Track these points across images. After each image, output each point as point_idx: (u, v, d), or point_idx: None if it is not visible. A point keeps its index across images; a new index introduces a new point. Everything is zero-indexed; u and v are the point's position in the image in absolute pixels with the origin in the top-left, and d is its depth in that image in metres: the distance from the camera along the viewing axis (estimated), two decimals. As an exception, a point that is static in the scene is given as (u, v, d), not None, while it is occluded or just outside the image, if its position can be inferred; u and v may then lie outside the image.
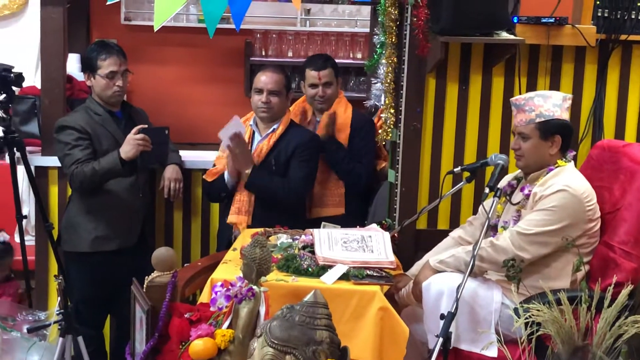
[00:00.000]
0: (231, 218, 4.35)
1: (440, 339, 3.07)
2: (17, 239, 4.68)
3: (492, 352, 3.22)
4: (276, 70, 4.43)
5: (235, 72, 6.71)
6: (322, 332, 2.45)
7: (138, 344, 3.16)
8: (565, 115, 3.57)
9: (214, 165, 4.53)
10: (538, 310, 2.54)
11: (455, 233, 3.91)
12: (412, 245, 4.18)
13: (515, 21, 4.05)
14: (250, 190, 4.29)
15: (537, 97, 3.58)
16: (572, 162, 3.60)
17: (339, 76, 4.79)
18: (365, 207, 4.71)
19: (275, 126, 4.41)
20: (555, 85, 4.18)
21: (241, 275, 3.01)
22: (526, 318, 2.60)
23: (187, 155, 4.85)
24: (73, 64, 5.87)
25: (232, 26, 4.32)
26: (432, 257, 3.66)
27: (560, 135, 3.55)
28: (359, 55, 6.73)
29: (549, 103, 3.54)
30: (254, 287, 2.93)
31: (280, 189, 4.31)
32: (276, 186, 4.30)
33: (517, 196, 3.65)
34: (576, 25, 4.10)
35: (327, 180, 4.59)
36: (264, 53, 6.78)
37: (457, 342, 3.42)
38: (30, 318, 4.56)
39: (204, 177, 4.53)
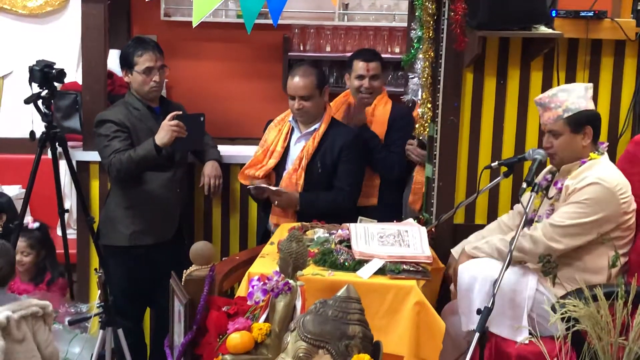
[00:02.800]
0: (275, 219, 4.38)
1: (477, 334, 3.08)
2: (59, 232, 4.75)
3: (523, 338, 3.23)
4: (306, 73, 4.38)
5: (273, 67, 6.73)
6: (354, 327, 2.47)
7: (176, 337, 3.20)
8: (591, 105, 3.58)
9: (247, 164, 4.54)
10: (574, 305, 2.53)
11: (501, 218, 3.92)
12: (449, 239, 4.16)
13: (553, 15, 4.01)
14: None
15: (560, 92, 3.57)
16: (606, 154, 3.58)
17: (385, 71, 4.80)
18: (399, 197, 4.72)
19: (316, 125, 4.43)
20: (594, 80, 4.14)
21: (278, 269, 3.03)
22: (562, 314, 2.59)
23: (225, 150, 4.88)
24: (114, 60, 5.90)
25: (270, 21, 4.34)
26: (476, 235, 3.78)
27: (590, 126, 3.54)
28: (397, 50, 6.70)
29: (573, 96, 3.53)
30: (291, 281, 2.96)
31: (332, 202, 4.37)
32: (328, 202, 4.37)
33: (551, 190, 3.65)
34: (615, 19, 4.05)
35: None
36: (302, 48, 6.79)
37: (491, 326, 3.42)
38: (72, 310, 4.63)
39: (241, 180, 4.54)
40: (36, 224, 4.68)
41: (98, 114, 4.43)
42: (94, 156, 4.66)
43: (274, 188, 4.31)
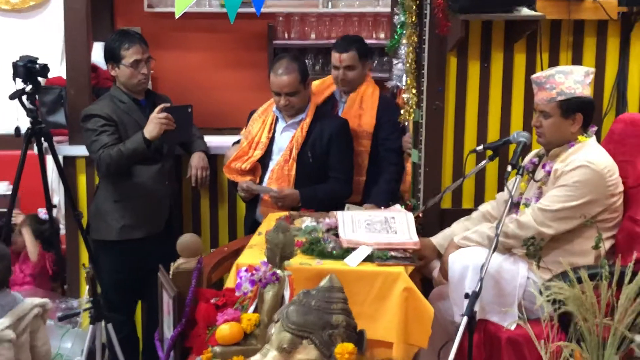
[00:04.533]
0: (263, 209, 4.39)
1: (465, 318, 3.09)
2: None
3: (511, 322, 3.25)
4: (288, 69, 4.36)
5: (258, 56, 6.73)
6: (338, 316, 2.48)
7: (166, 330, 3.20)
8: (587, 92, 3.55)
9: (230, 158, 4.52)
10: (559, 288, 2.55)
11: (484, 207, 3.92)
12: (436, 224, 4.16)
13: (535, -4, 4.02)
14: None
15: (558, 74, 3.55)
16: (594, 137, 3.59)
17: (366, 60, 4.77)
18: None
19: (302, 115, 4.43)
20: (577, 60, 4.15)
21: (265, 259, 3.03)
22: (548, 296, 2.60)
23: (212, 140, 4.88)
24: (98, 53, 5.89)
25: (254, 10, 4.34)
26: (459, 224, 3.79)
27: (581, 113, 3.53)
28: (382, 35, 6.71)
29: (570, 80, 3.51)
30: (278, 271, 2.96)
31: (331, 192, 4.40)
32: (327, 193, 4.39)
33: (539, 173, 3.65)
34: (597, -1, 4.06)
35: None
36: (286, 36, 6.79)
37: (483, 314, 3.45)
38: (63, 306, 4.65)
39: (227, 173, 4.54)
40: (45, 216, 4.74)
41: (85, 109, 4.42)
42: (80, 151, 4.66)
43: (275, 190, 4.31)
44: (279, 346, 2.48)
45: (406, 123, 4.44)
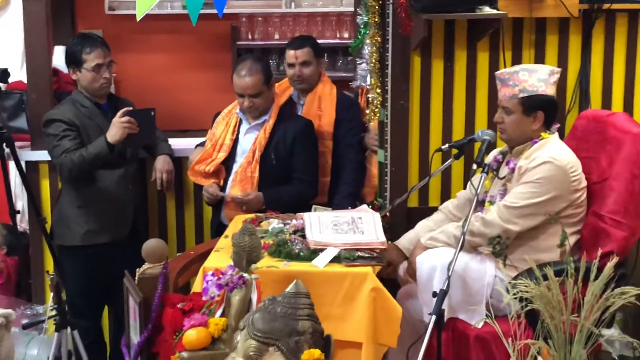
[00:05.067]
0: (229, 212, 4.36)
1: (434, 317, 3.10)
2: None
3: (479, 320, 3.27)
4: (251, 70, 4.34)
5: (222, 57, 6.69)
6: (304, 322, 2.46)
7: (133, 336, 3.17)
8: (551, 91, 3.57)
9: (197, 160, 4.50)
10: (526, 286, 2.56)
11: (446, 207, 3.93)
12: (404, 223, 4.18)
13: (497, -5, 4.04)
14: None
15: (522, 71, 3.58)
16: (556, 133, 3.61)
17: (321, 57, 4.79)
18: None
19: (266, 117, 4.42)
20: (540, 58, 4.18)
21: (232, 263, 3.02)
22: (515, 294, 2.61)
23: (177, 143, 4.85)
24: (59, 57, 5.83)
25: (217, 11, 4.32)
26: (422, 226, 3.80)
27: (543, 111, 3.55)
28: (346, 35, 6.70)
29: (534, 78, 3.54)
30: (245, 274, 2.95)
31: (296, 194, 4.38)
32: (292, 194, 4.37)
33: (503, 170, 3.67)
34: (558, -3, 4.09)
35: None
36: (250, 37, 6.76)
37: (451, 313, 3.46)
38: (29, 312, 4.59)
39: (191, 176, 4.51)
40: None
41: (46, 113, 4.37)
42: (42, 156, 4.60)
43: (238, 198, 4.29)
44: (245, 354, 2.46)
45: (371, 123, 4.44)
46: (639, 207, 3.52)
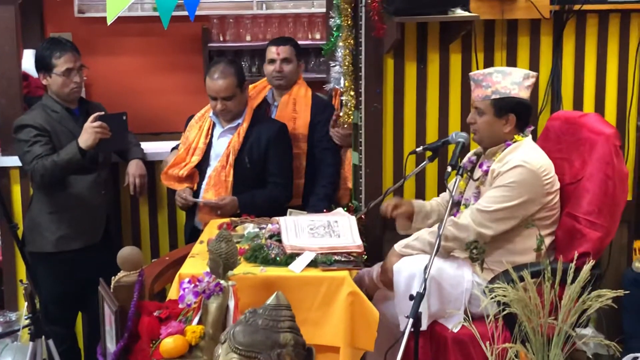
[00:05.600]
0: (203, 217, 4.34)
1: (411, 320, 3.10)
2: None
3: (456, 323, 3.28)
4: (224, 73, 4.33)
5: (194, 59, 6.66)
6: (286, 335, 2.45)
7: (109, 344, 3.14)
8: (524, 94, 3.58)
9: (170, 164, 4.48)
10: (503, 290, 2.57)
11: (435, 201, 3.93)
12: (379, 226, 4.19)
13: (469, -3, 4.05)
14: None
15: (496, 73, 3.59)
16: (530, 136, 3.63)
17: (301, 60, 4.80)
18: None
19: (239, 120, 4.40)
20: (511, 59, 4.20)
21: (208, 270, 3.00)
22: (491, 298, 2.62)
23: (149, 147, 4.82)
24: (29, 61, 5.78)
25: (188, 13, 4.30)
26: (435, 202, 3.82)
27: (515, 114, 3.56)
28: (318, 36, 6.70)
29: (507, 80, 3.55)
30: (222, 281, 2.93)
31: (270, 198, 4.37)
32: (266, 199, 4.36)
33: (477, 172, 3.69)
34: (529, -2, 4.11)
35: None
36: (221, 39, 6.73)
37: (431, 320, 3.46)
38: (2, 319, 4.55)
39: (164, 181, 4.49)
40: None
41: (17, 119, 4.32)
42: (13, 161, 4.56)
43: (212, 202, 4.27)
44: (226, 367, 2.46)
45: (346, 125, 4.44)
46: (612, 208, 3.55)
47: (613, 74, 4.26)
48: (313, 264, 3.42)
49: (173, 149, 4.60)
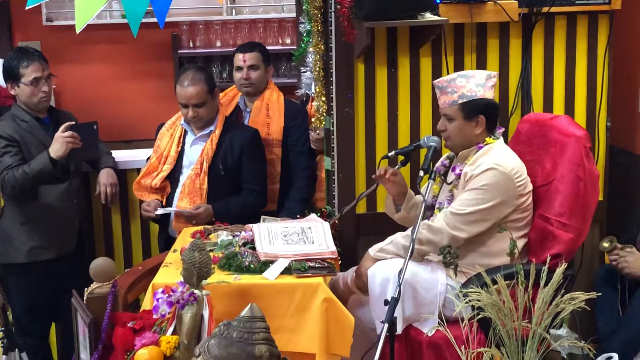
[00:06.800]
0: (177, 225, 4.31)
1: (386, 325, 3.10)
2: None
3: (431, 328, 3.27)
4: (194, 79, 4.32)
5: (164, 66, 6.63)
6: (260, 347, 2.45)
7: (83, 356, 3.13)
8: (489, 94, 3.61)
9: (142, 174, 4.46)
10: (477, 294, 2.58)
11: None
12: (353, 230, 4.19)
13: (438, 2, 4.05)
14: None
15: (459, 77, 3.61)
16: (501, 138, 3.65)
17: (269, 65, 4.80)
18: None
19: (211, 127, 4.39)
20: (481, 62, 4.21)
21: (182, 279, 2.99)
22: (466, 303, 2.63)
23: (121, 155, 4.81)
24: (-3, 70, 5.74)
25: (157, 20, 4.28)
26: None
27: (484, 115, 3.58)
28: (288, 41, 6.69)
29: (472, 83, 3.57)
30: (196, 291, 2.92)
31: (245, 204, 4.37)
32: (241, 205, 4.36)
33: (450, 176, 3.70)
34: (498, 2, 4.11)
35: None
36: (191, 45, 6.70)
37: (405, 324, 3.47)
38: (-26, 332, 4.50)
39: (136, 191, 4.47)
40: None
41: (-15, 130, 4.29)
42: (-17, 172, 4.51)
43: (187, 212, 4.25)
44: (202, 381, 2.45)
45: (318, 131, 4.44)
46: (584, 209, 3.57)
47: (582, 75, 4.28)
48: (287, 270, 3.42)
49: (148, 158, 4.58)
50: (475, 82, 3.58)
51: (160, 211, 4.31)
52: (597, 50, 4.26)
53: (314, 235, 3.67)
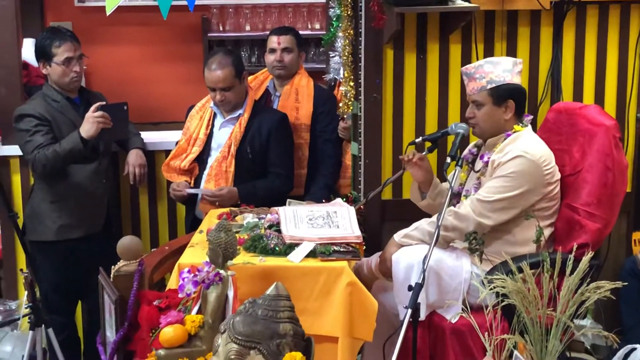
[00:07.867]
0: (204, 206, 4.34)
1: (409, 310, 3.11)
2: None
3: (454, 314, 3.28)
4: (222, 63, 4.33)
5: (193, 48, 6.66)
6: (285, 325, 2.46)
7: (109, 333, 3.16)
8: (517, 80, 3.60)
9: (172, 155, 4.49)
10: (502, 281, 2.57)
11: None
12: (378, 216, 4.20)
13: (469, -12, 4.05)
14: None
15: (486, 64, 3.60)
16: (529, 126, 3.63)
17: (301, 49, 4.80)
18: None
19: (240, 110, 4.41)
20: (511, 50, 4.19)
21: (208, 259, 3.01)
22: (490, 289, 2.63)
23: (149, 136, 4.84)
24: (28, 50, 5.77)
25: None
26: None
27: (513, 100, 3.57)
28: (317, 26, 6.70)
29: (499, 69, 3.56)
30: (221, 271, 2.94)
31: (271, 188, 4.38)
32: (267, 189, 4.37)
33: (478, 164, 3.69)
34: (530, -11, 4.11)
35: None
36: (221, 28, 6.73)
37: (429, 310, 3.47)
38: (1, 308, 4.57)
39: (165, 172, 4.51)
40: None
41: (17, 109, 4.33)
42: (14, 150, 4.57)
43: (210, 192, 4.27)
44: (226, 357, 2.45)
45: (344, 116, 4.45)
46: (612, 199, 3.56)
47: (613, 65, 4.26)
48: (312, 254, 3.43)
49: (177, 142, 4.60)
50: (502, 68, 3.57)
51: (190, 190, 4.34)
52: (629, 40, 4.23)
53: (339, 220, 3.67)
